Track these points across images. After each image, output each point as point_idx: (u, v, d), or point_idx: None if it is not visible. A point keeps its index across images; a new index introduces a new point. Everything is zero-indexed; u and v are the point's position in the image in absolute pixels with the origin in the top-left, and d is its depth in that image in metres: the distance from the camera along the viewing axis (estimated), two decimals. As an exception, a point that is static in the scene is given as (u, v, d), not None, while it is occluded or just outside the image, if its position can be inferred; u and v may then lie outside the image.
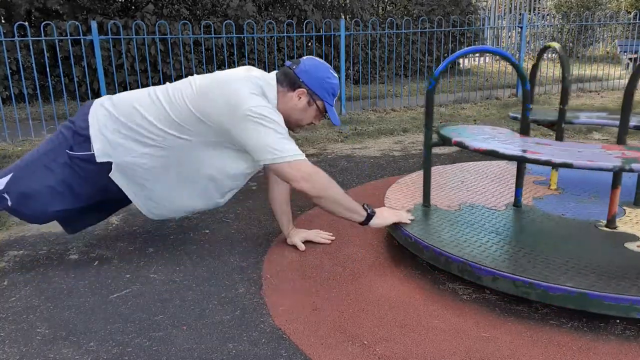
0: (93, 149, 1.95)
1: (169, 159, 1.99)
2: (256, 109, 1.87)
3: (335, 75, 2.08)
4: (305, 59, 2.07)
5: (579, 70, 8.76)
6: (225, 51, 6.06)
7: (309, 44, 8.72)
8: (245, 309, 1.77)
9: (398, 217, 2.08)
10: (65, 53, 6.74)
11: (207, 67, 7.81)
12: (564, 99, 2.41)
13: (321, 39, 7.85)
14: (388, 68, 8.95)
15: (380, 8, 10.84)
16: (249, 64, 8.02)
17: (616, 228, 2.01)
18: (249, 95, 1.89)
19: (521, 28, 7.27)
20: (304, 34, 6.64)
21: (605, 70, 9.01)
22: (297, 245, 2.22)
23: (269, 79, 2.01)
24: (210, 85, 1.94)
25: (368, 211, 2.01)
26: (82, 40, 5.32)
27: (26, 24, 5.08)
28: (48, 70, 5.56)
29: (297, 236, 2.25)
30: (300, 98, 2.03)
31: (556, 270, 1.67)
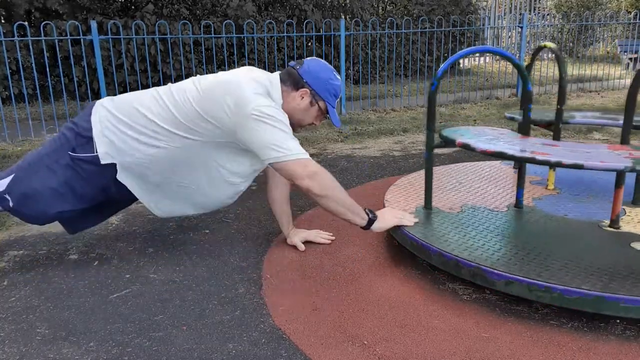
0: (96, 151, 1.95)
1: (175, 159, 1.98)
2: (261, 108, 1.87)
3: (338, 78, 2.09)
4: (309, 60, 2.08)
5: (579, 70, 8.75)
6: (225, 51, 6.06)
7: (309, 44, 8.72)
8: (245, 309, 1.77)
9: (400, 220, 2.05)
10: (65, 53, 6.75)
11: (207, 67, 7.81)
12: (561, 99, 2.41)
13: (321, 39, 7.85)
14: (388, 68, 8.95)
15: (380, 8, 10.84)
16: (249, 64, 8.02)
17: (620, 228, 2.01)
18: (254, 95, 1.89)
19: (521, 28, 7.27)
20: (304, 34, 6.64)
21: (606, 70, 9.01)
22: (297, 246, 2.22)
23: (272, 79, 2.02)
24: (216, 85, 1.94)
25: (370, 216, 1.99)
26: (82, 40, 5.32)
27: (26, 23, 5.08)
28: (48, 70, 5.57)
29: (297, 236, 2.25)
30: (302, 98, 2.04)
31: (569, 272, 1.64)
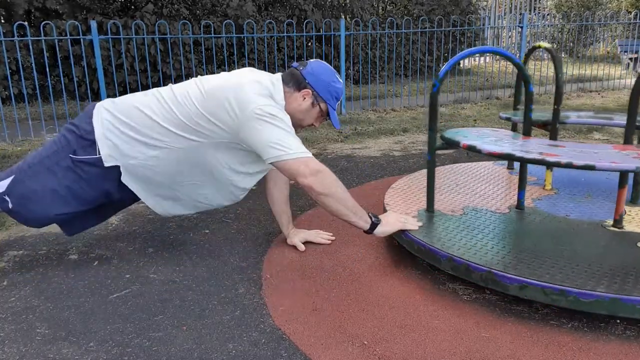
0: (99, 153, 1.95)
1: (179, 160, 1.98)
2: (264, 107, 1.88)
3: (340, 80, 2.10)
4: (312, 61, 2.10)
5: (579, 70, 8.75)
6: (225, 51, 6.06)
7: (309, 44, 8.72)
8: (245, 309, 1.76)
9: (404, 224, 2.02)
10: (65, 53, 6.74)
11: (207, 67, 7.81)
12: (558, 99, 2.40)
13: (321, 38, 7.85)
14: (388, 68, 8.95)
15: (380, 8, 10.84)
16: (249, 64, 8.02)
17: (623, 228, 2.01)
18: (256, 96, 1.90)
19: (521, 28, 7.27)
20: (304, 33, 6.64)
21: (606, 70, 9.01)
22: (297, 246, 2.22)
23: (274, 81, 2.02)
24: (219, 87, 1.94)
25: (373, 219, 1.97)
26: (82, 40, 5.32)
27: (26, 23, 5.08)
28: (47, 70, 5.57)
29: (297, 236, 2.25)
30: (304, 99, 2.05)
31: (582, 275, 1.63)
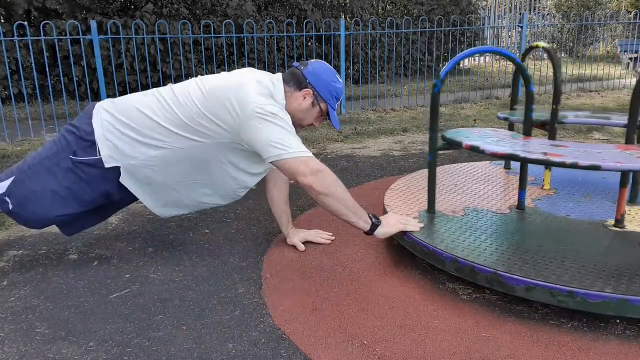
0: (100, 154, 1.95)
1: (180, 161, 1.98)
2: (265, 107, 1.88)
3: (341, 81, 2.10)
4: (314, 62, 2.10)
5: (579, 70, 8.76)
6: (225, 51, 6.06)
7: (309, 44, 8.72)
8: (245, 309, 1.76)
9: (405, 226, 2.01)
10: (65, 53, 6.75)
11: (207, 67, 7.81)
12: (556, 99, 2.40)
13: (321, 38, 7.85)
14: (388, 68, 8.95)
15: (380, 8, 10.85)
16: (249, 64, 8.02)
17: (625, 227, 2.00)
18: (257, 96, 1.90)
19: (521, 28, 7.27)
20: (304, 33, 6.64)
21: (606, 70, 9.01)
22: (297, 246, 2.22)
23: (275, 81, 2.02)
24: (220, 87, 1.94)
25: (373, 220, 1.96)
26: (82, 40, 5.32)
27: (26, 23, 5.08)
28: (47, 70, 5.57)
29: (297, 236, 2.25)
30: (305, 98, 2.05)
31: (588, 276, 1.62)
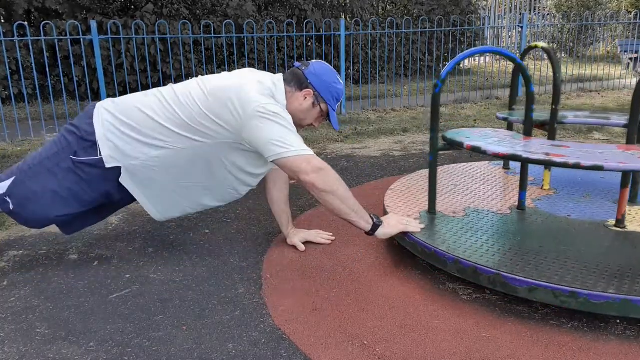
0: (100, 154, 1.94)
1: (181, 161, 1.98)
2: (266, 106, 1.88)
3: (342, 82, 2.11)
4: (315, 62, 2.11)
5: (579, 70, 8.76)
6: (225, 51, 6.06)
7: (309, 44, 8.72)
8: (245, 309, 1.76)
9: (406, 226, 2.01)
10: (65, 53, 6.75)
11: (207, 67, 7.81)
12: (556, 99, 2.40)
13: (321, 38, 7.85)
14: (388, 68, 8.95)
15: (380, 8, 10.85)
16: (249, 64, 8.02)
17: (625, 227, 2.00)
18: (258, 95, 1.91)
19: (521, 28, 7.27)
20: (304, 33, 6.64)
21: (606, 70, 9.01)
22: (297, 246, 2.22)
23: (276, 81, 2.03)
24: (222, 87, 1.94)
25: (374, 220, 1.96)
26: (82, 40, 5.32)
27: (26, 23, 5.08)
28: (47, 70, 5.57)
29: (297, 236, 2.25)
30: (306, 98, 2.06)
31: (591, 276, 1.62)
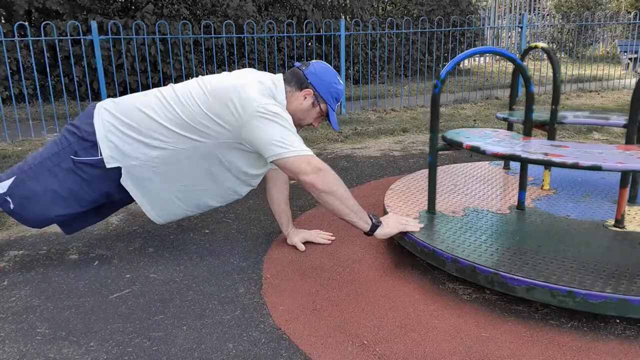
0: (101, 154, 1.95)
1: (181, 162, 1.98)
2: (266, 106, 1.89)
3: (342, 83, 2.12)
4: (315, 62, 2.11)
5: (579, 70, 8.76)
6: (225, 51, 6.06)
7: (309, 44, 8.73)
8: (245, 309, 1.77)
9: (405, 226, 2.01)
10: (65, 53, 6.75)
11: (207, 67, 7.82)
12: (556, 99, 2.40)
13: (321, 39, 7.85)
14: (388, 68, 8.96)
15: (380, 8, 10.85)
16: (249, 64, 8.02)
17: (625, 227, 2.01)
18: (259, 95, 1.91)
19: (521, 28, 7.28)
20: (304, 34, 6.64)
21: (606, 70, 9.01)
22: (297, 246, 2.22)
23: (276, 81, 2.03)
24: (222, 87, 1.95)
25: (373, 221, 1.97)
26: (82, 40, 5.32)
27: (26, 24, 5.08)
28: (48, 70, 5.56)
29: (297, 236, 2.25)
30: (305, 98, 2.06)
31: (589, 276, 1.62)
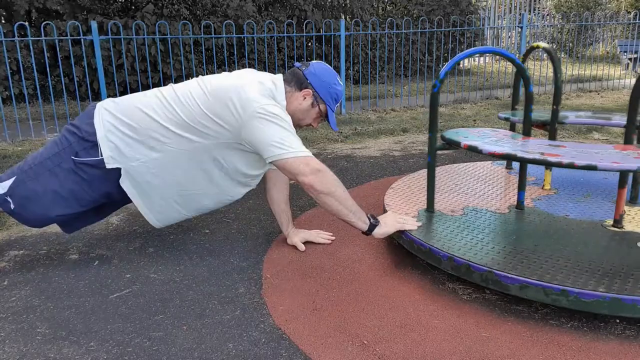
0: (102, 154, 1.95)
1: (180, 162, 1.99)
2: (266, 107, 1.89)
3: (341, 83, 2.12)
4: (315, 62, 2.12)
5: (578, 70, 8.76)
6: (225, 51, 6.06)
7: (309, 44, 8.73)
8: (245, 309, 1.77)
9: (402, 225, 2.03)
10: (66, 53, 6.75)
11: (207, 67, 7.82)
12: (557, 99, 2.41)
13: (321, 39, 7.85)
14: (388, 68, 8.96)
15: (380, 8, 10.85)
16: (249, 64, 8.02)
17: (623, 227, 2.01)
18: (259, 96, 1.92)
19: (521, 28, 7.28)
20: (304, 34, 6.64)
21: (605, 70, 9.01)
22: (297, 246, 2.22)
23: (276, 82, 2.04)
24: (222, 87, 1.95)
25: (371, 220, 1.98)
26: (82, 40, 5.32)
27: (26, 24, 5.08)
28: (48, 70, 5.56)
29: (297, 236, 2.25)
30: (305, 98, 2.06)
31: (583, 275, 1.63)
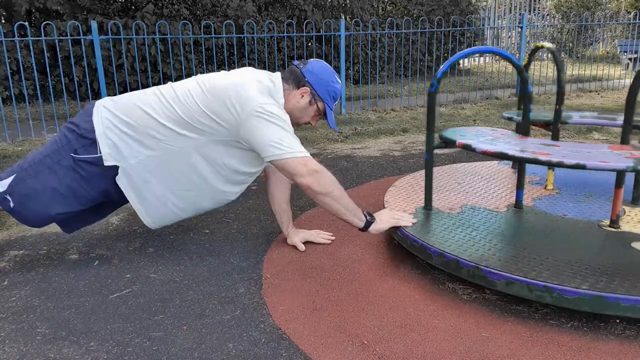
0: (100, 152, 1.95)
1: (178, 161, 1.99)
2: (265, 106, 1.90)
3: (339, 81, 2.13)
4: (313, 60, 2.12)
5: (579, 70, 8.76)
6: (225, 51, 6.06)
7: (309, 44, 8.73)
8: (245, 309, 1.77)
9: (398, 221, 2.05)
10: (66, 53, 6.75)
11: (207, 67, 7.82)
12: (560, 99, 2.41)
13: (321, 39, 7.85)
14: (388, 68, 8.96)
15: (380, 8, 10.85)
16: (249, 64, 8.02)
17: (619, 228, 2.01)
18: (258, 95, 1.92)
19: (521, 28, 7.28)
20: (304, 34, 6.64)
21: (605, 70, 9.02)
22: (297, 246, 2.22)
23: (275, 80, 2.04)
24: (221, 85, 1.95)
25: (367, 217, 2.00)
26: (82, 40, 5.32)
27: (26, 24, 5.09)
28: (48, 70, 5.56)
29: (297, 236, 2.25)
30: (303, 96, 2.07)
31: (569, 272, 1.64)
